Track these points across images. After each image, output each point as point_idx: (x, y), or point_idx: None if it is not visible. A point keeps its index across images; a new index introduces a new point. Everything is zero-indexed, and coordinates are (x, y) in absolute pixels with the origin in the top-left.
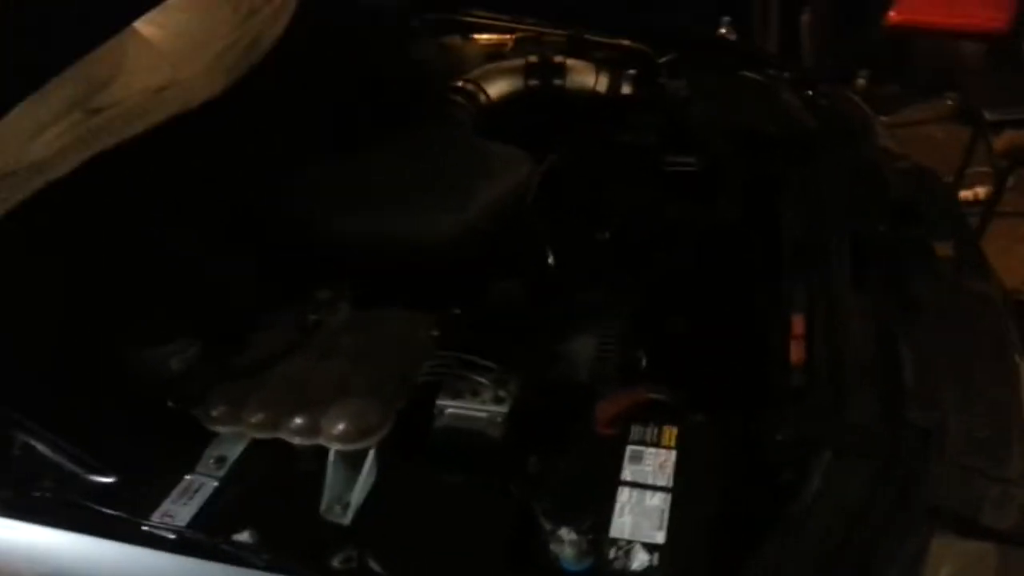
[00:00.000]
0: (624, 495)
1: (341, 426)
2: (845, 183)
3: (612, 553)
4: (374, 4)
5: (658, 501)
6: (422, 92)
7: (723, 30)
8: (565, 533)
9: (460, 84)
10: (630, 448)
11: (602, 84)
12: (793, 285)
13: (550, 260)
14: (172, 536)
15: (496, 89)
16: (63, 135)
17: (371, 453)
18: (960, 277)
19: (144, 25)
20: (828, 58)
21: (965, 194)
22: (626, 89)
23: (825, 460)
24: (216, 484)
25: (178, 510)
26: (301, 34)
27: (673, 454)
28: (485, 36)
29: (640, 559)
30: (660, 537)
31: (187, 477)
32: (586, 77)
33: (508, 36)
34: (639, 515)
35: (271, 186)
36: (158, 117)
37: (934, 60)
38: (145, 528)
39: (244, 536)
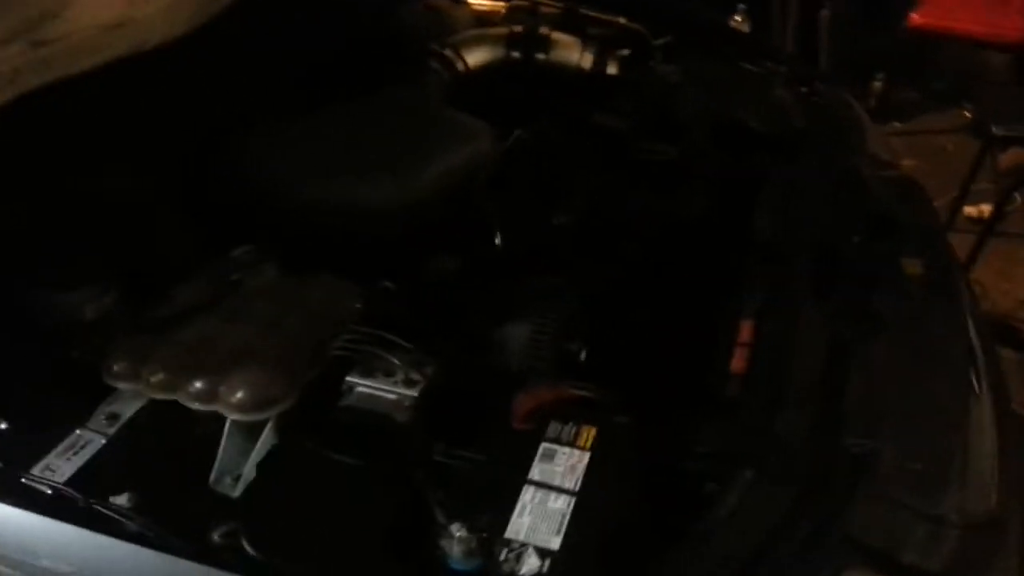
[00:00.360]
0: (528, 495)
1: (240, 394)
2: (824, 188)
3: (502, 555)
4: None
5: (561, 504)
6: (399, 54)
7: (737, 18)
8: (456, 529)
9: (438, 49)
10: (543, 446)
11: (586, 61)
12: (749, 289)
13: (497, 240)
14: (47, 491)
15: (475, 57)
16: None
17: (269, 425)
18: (928, 297)
19: None
20: (845, 57)
21: (969, 210)
22: (611, 69)
23: (744, 478)
24: (104, 442)
25: (60, 465)
26: None
27: (587, 456)
28: (478, 1)
29: (530, 564)
30: (556, 543)
31: (76, 432)
32: (570, 53)
33: (502, 4)
34: (539, 517)
35: (222, 138)
36: (108, 55)
37: (957, 68)
38: (22, 480)
39: (122, 499)
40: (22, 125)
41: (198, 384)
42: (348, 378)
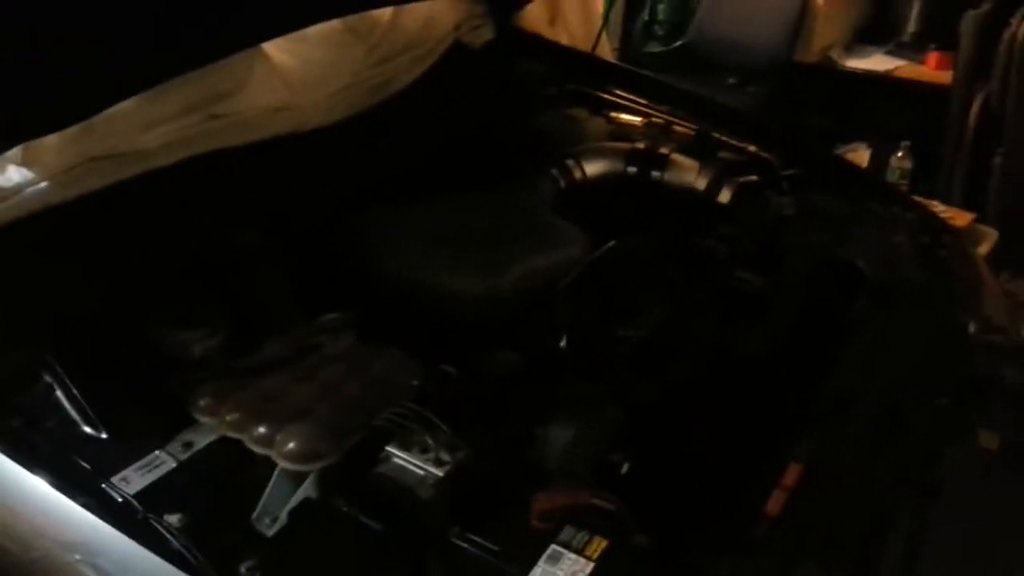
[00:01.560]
0: None
1: (292, 445)
2: (918, 344)
3: None
4: (520, 71)
5: None
6: (526, 157)
7: (899, 155)
8: None
9: (561, 157)
10: (552, 547)
11: (700, 184)
12: (805, 434)
13: (562, 343)
14: (118, 499)
15: (593, 168)
16: (177, 131)
17: (311, 478)
18: (1002, 476)
19: (273, 49)
20: (1015, 207)
21: None
22: (724, 196)
23: None
24: (175, 465)
25: (134, 478)
26: (433, 85)
27: (590, 567)
28: (618, 115)
29: None
30: None
31: (156, 452)
32: (686, 175)
33: (639, 119)
34: None
35: (344, 214)
36: (269, 132)
37: None
38: (101, 486)
39: (174, 518)
40: (179, 182)
41: (261, 429)
42: (387, 448)
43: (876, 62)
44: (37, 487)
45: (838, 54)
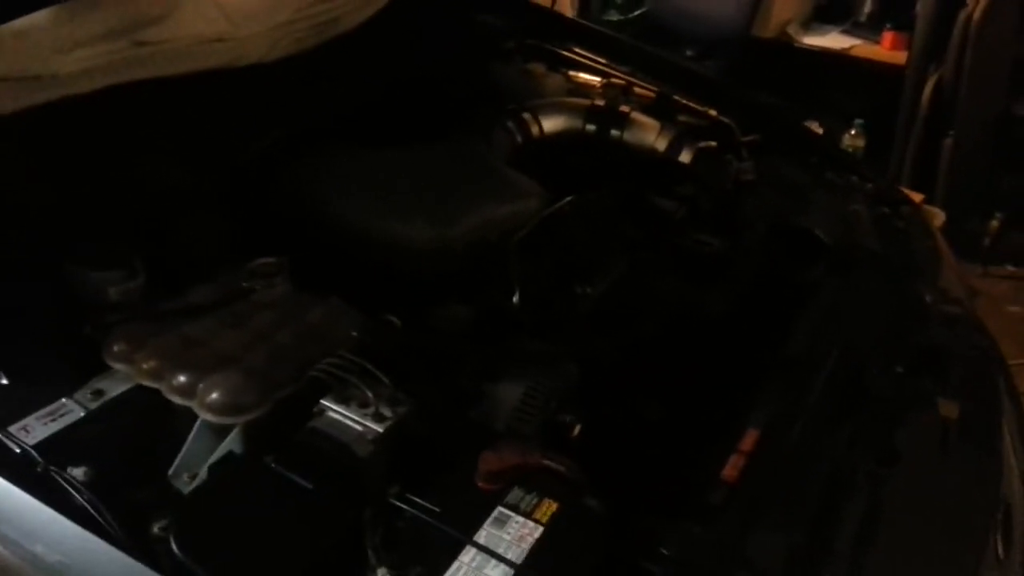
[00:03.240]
0: (467, 556)
1: (214, 395)
2: (874, 311)
3: None
4: (481, 21)
5: (497, 574)
6: (481, 109)
7: (852, 132)
8: (383, 573)
9: (517, 111)
10: (498, 510)
11: (660, 145)
12: (763, 399)
13: (515, 298)
14: (16, 450)
15: (550, 124)
16: (98, 57)
17: (235, 431)
18: (960, 444)
19: None
20: (964, 189)
21: None
22: (685, 157)
23: None
24: (83, 414)
25: (36, 427)
26: (386, 26)
27: (539, 530)
28: (576, 73)
29: None
30: None
31: (62, 400)
32: (646, 134)
33: (598, 79)
34: None
35: (286, 155)
36: (203, 65)
37: None
38: None
39: (79, 472)
40: (104, 109)
41: (181, 378)
42: (322, 401)
43: (832, 40)
44: None
45: (795, 31)
